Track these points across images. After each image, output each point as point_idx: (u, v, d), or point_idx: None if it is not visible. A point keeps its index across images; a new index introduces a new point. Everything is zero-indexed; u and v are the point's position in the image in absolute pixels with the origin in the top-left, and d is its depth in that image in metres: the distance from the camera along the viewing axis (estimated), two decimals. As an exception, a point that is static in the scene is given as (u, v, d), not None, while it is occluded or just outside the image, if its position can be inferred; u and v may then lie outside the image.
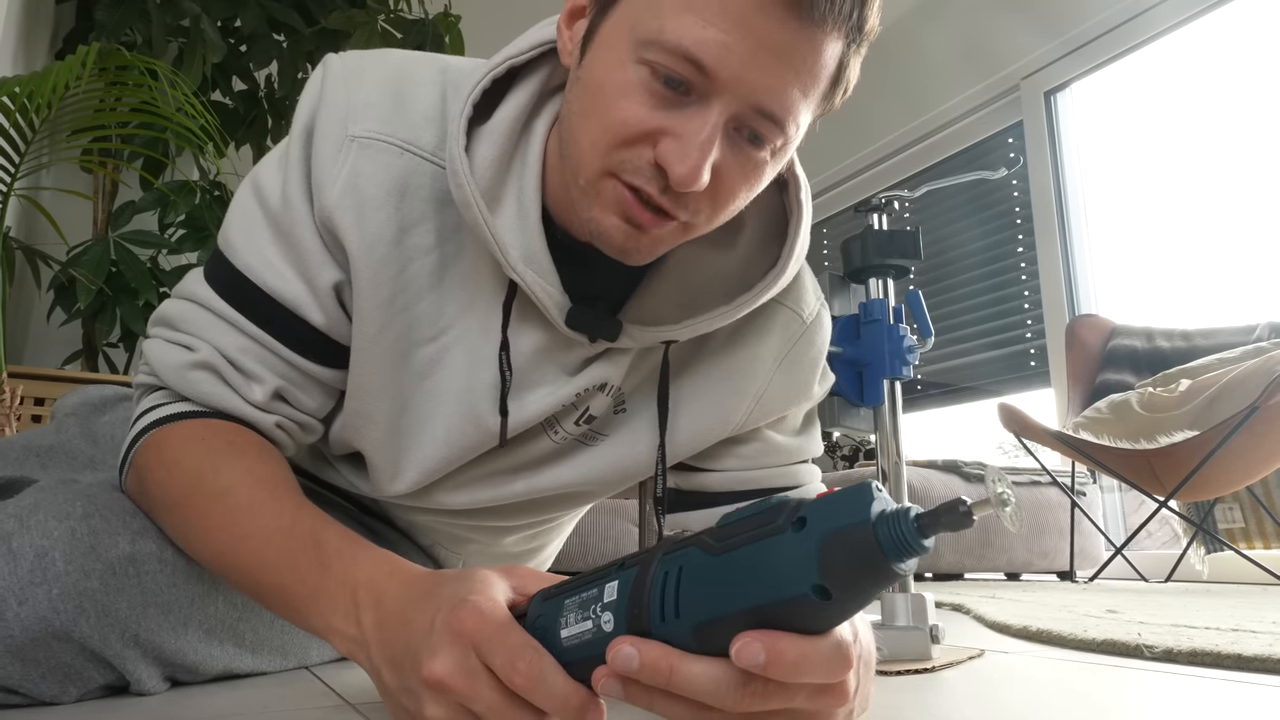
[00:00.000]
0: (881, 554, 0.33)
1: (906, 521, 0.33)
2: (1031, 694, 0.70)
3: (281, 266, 0.67)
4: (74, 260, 2.28)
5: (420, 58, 0.71)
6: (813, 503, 0.36)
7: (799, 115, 0.57)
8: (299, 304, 0.67)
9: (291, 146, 0.67)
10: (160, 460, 0.66)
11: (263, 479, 0.63)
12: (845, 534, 0.34)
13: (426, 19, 2.77)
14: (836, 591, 0.34)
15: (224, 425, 0.67)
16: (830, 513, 0.35)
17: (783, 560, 0.35)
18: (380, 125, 0.66)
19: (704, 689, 0.37)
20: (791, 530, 0.35)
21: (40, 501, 0.66)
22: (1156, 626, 1.09)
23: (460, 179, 0.62)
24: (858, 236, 1.08)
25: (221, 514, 0.61)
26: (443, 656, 0.42)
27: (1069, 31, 3.13)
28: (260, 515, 0.60)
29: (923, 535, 0.33)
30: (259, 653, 0.77)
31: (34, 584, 0.62)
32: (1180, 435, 2.21)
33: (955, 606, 1.53)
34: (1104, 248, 3.10)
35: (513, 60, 0.65)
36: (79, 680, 0.65)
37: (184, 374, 0.67)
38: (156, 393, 0.71)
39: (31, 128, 1.94)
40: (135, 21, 2.43)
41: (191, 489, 0.63)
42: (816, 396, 0.82)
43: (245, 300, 0.68)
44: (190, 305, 0.69)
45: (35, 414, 2.06)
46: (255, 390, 0.68)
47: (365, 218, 0.65)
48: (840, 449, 3.57)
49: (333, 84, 0.67)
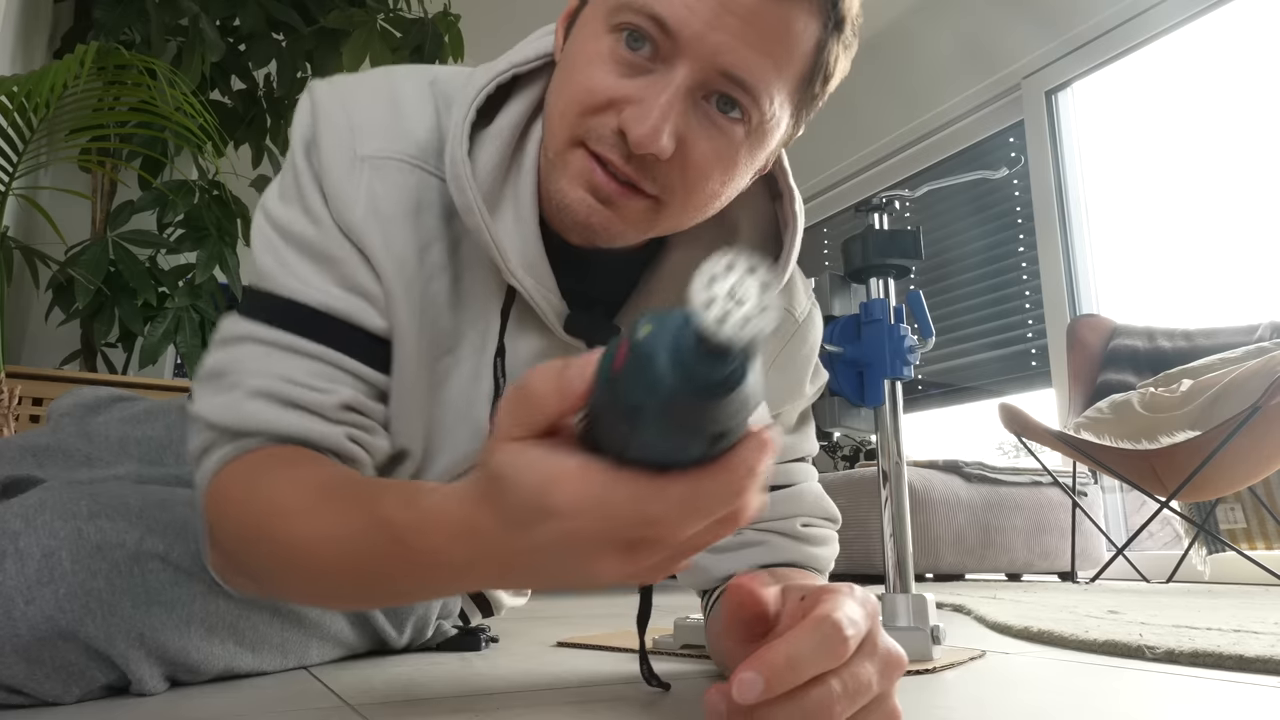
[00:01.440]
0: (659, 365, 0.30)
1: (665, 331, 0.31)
2: (1033, 695, 0.70)
3: (326, 285, 0.64)
4: (72, 260, 2.28)
5: (404, 72, 0.71)
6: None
7: (771, 88, 0.56)
8: (355, 314, 0.64)
9: (299, 175, 0.66)
10: (222, 510, 0.60)
11: (314, 482, 0.56)
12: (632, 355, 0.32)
13: (426, 18, 2.76)
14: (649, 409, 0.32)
15: (282, 448, 0.61)
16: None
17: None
18: (387, 143, 0.65)
19: None
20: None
21: (46, 501, 0.66)
22: (1158, 627, 1.09)
23: (463, 183, 0.62)
24: (859, 236, 1.08)
25: (280, 528, 0.54)
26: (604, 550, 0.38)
27: (1070, 31, 3.13)
28: (314, 518, 0.53)
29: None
30: (259, 651, 0.77)
31: (41, 584, 0.62)
32: (1182, 435, 2.20)
33: (956, 607, 1.53)
34: (1105, 247, 3.09)
35: (518, 68, 0.65)
36: (82, 680, 0.65)
37: (240, 407, 0.61)
38: (211, 452, 0.63)
39: (30, 127, 1.94)
40: (134, 21, 2.42)
41: (242, 518, 0.58)
42: (809, 395, 0.83)
43: (298, 321, 0.63)
44: (236, 346, 0.64)
45: (34, 414, 2.06)
46: (326, 401, 0.62)
47: (391, 238, 0.64)
48: (840, 449, 3.57)
49: (328, 107, 0.66)
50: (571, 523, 0.36)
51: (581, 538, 0.37)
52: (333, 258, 0.64)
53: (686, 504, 0.35)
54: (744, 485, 0.35)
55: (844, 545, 0.94)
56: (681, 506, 0.35)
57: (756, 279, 0.28)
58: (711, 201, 0.62)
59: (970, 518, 2.64)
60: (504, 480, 0.38)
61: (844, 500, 2.43)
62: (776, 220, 0.73)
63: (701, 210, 0.62)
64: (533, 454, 0.37)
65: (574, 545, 0.37)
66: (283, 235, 0.66)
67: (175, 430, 0.97)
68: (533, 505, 0.37)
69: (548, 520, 0.37)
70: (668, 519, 0.36)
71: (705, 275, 0.28)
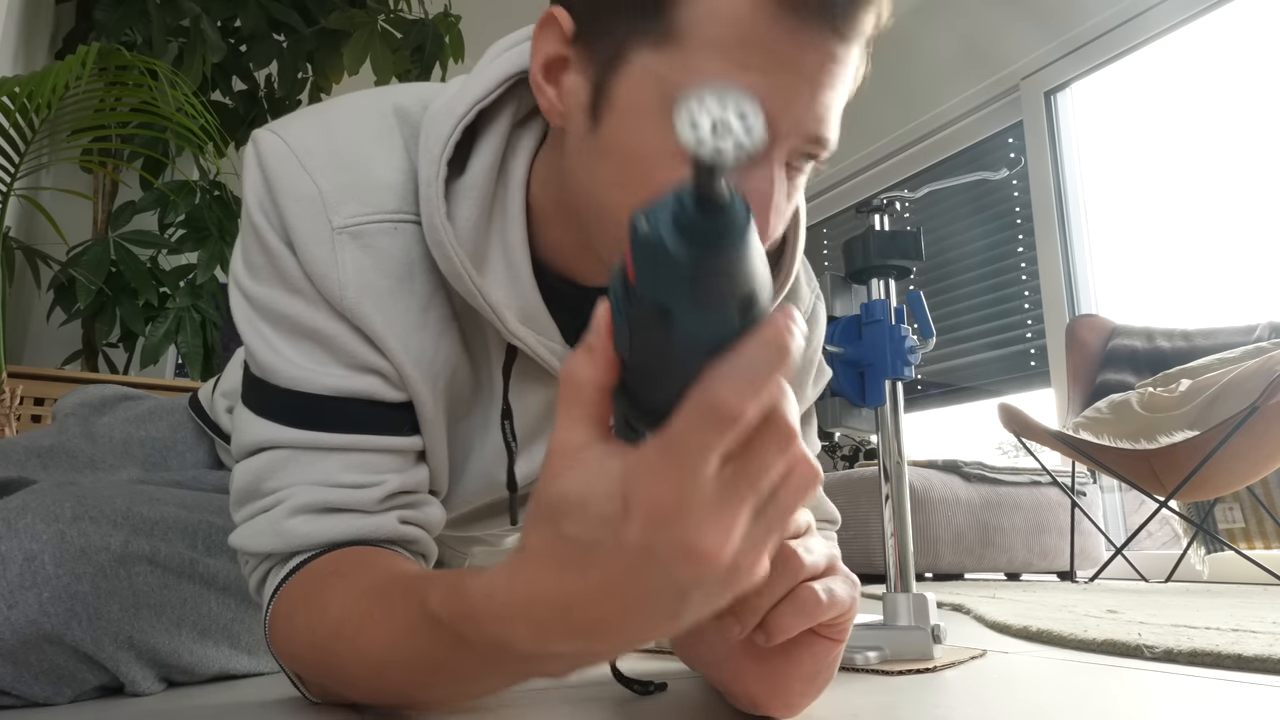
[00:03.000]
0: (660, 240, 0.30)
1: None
2: (1032, 694, 0.70)
3: (328, 368, 0.59)
4: (74, 260, 2.28)
5: (358, 106, 0.63)
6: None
7: (838, 124, 0.55)
8: (368, 391, 0.59)
9: (269, 250, 0.59)
10: (290, 642, 0.56)
11: (369, 590, 0.51)
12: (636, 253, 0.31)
13: (426, 19, 2.76)
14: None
15: (329, 559, 0.57)
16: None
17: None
18: (361, 206, 0.59)
19: None
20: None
21: (29, 503, 0.65)
22: (1157, 627, 1.09)
23: (447, 249, 0.57)
24: (859, 237, 1.08)
25: (347, 651, 0.50)
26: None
27: (1069, 31, 3.13)
28: (375, 629, 0.48)
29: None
30: (255, 653, 0.76)
31: (23, 587, 0.61)
32: (1180, 435, 2.21)
33: (955, 606, 1.52)
34: (1104, 248, 3.09)
35: (481, 104, 0.59)
36: (73, 682, 0.65)
37: (281, 530, 0.57)
38: (267, 581, 0.59)
39: (31, 128, 1.94)
40: (135, 21, 2.43)
41: (313, 644, 0.53)
42: (811, 394, 0.82)
43: (314, 414, 0.58)
44: (258, 458, 0.59)
45: (35, 414, 2.06)
46: (366, 496, 0.58)
47: (390, 313, 0.59)
48: (840, 449, 3.57)
49: (285, 171, 0.59)
50: (650, 495, 0.31)
51: (668, 508, 0.31)
52: (328, 337, 0.59)
53: (745, 374, 0.30)
54: (784, 341, 0.30)
55: (843, 545, 0.94)
56: (743, 378, 0.30)
57: (734, 108, 0.27)
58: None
59: (969, 517, 2.64)
60: (572, 501, 0.33)
61: (843, 500, 2.44)
62: None
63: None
64: (590, 461, 0.33)
65: (663, 526, 0.31)
66: (265, 316, 0.60)
67: (180, 431, 0.97)
68: (613, 514, 0.32)
69: (628, 522, 0.31)
70: (739, 391, 0.30)
71: (685, 116, 0.27)
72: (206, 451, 0.97)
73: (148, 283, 2.32)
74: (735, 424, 0.30)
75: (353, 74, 2.67)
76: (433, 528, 0.63)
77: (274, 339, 0.59)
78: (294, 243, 0.58)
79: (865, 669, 0.80)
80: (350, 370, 0.59)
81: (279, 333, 0.59)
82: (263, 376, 0.60)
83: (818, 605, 0.44)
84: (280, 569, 0.58)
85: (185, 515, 0.73)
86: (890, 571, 0.97)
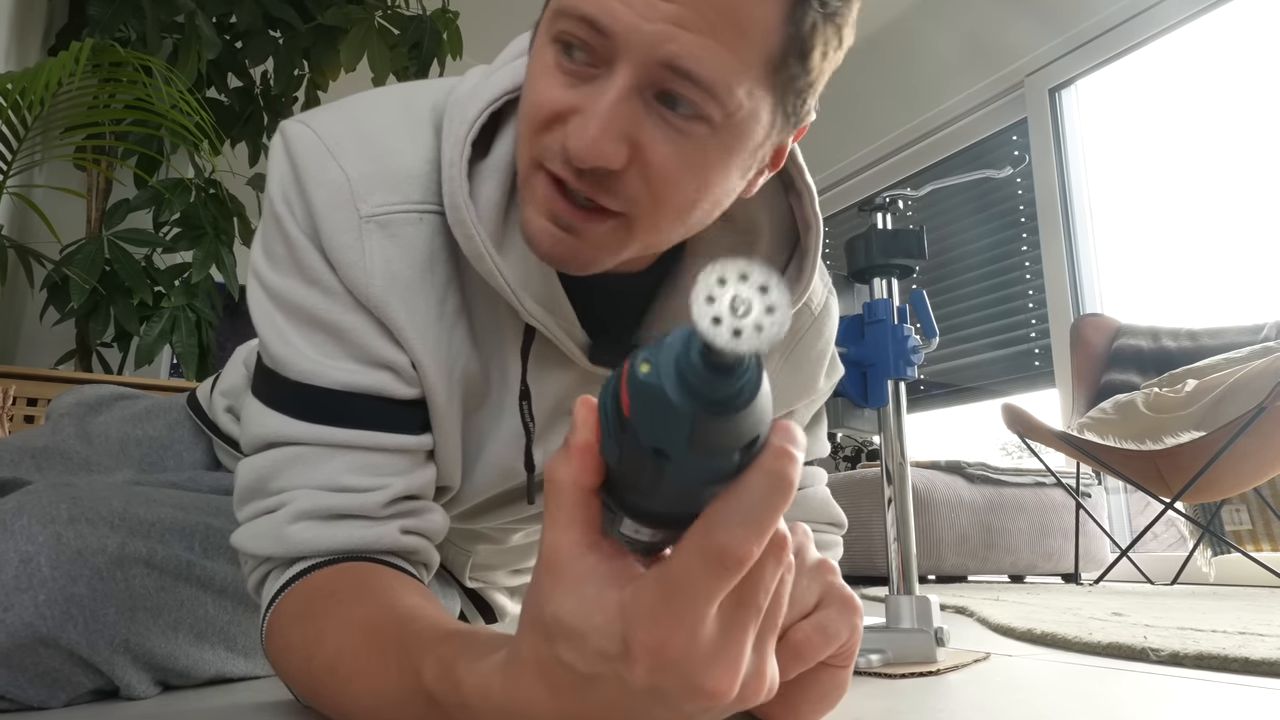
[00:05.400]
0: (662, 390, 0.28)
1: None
2: (1036, 698, 0.69)
3: (341, 361, 0.60)
4: (67, 259, 2.27)
5: (386, 98, 0.65)
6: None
7: (729, 75, 0.48)
8: (380, 387, 0.60)
9: (290, 240, 0.60)
10: (283, 656, 0.56)
11: (364, 628, 0.51)
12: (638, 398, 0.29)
13: (424, 15, 2.75)
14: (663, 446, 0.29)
15: (328, 574, 0.57)
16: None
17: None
18: (388, 195, 0.59)
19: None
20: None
21: (24, 505, 0.64)
22: (1162, 629, 1.08)
23: (469, 229, 0.58)
24: (862, 236, 1.07)
25: (339, 689, 0.50)
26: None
27: (1073, 28, 3.12)
28: (369, 680, 0.48)
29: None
30: (251, 657, 0.76)
31: (19, 590, 0.61)
32: (1186, 436, 2.19)
33: (959, 609, 1.51)
34: (1109, 246, 3.08)
35: (511, 95, 0.59)
36: (67, 685, 0.64)
37: (283, 534, 0.57)
38: (267, 582, 0.60)
39: (24, 125, 1.92)
40: (129, 17, 2.41)
41: (307, 670, 0.53)
42: (824, 392, 0.80)
43: (324, 408, 0.59)
44: (264, 457, 0.60)
45: (28, 414, 2.05)
46: (370, 501, 0.59)
47: (413, 305, 0.60)
48: (842, 449, 3.56)
49: (313, 158, 0.59)
50: (651, 639, 0.31)
51: (672, 654, 0.31)
52: (342, 330, 0.59)
53: (749, 516, 0.30)
54: (787, 473, 0.30)
55: (845, 547, 0.93)
56: (747, 520, 0.30)
57: (757, 283, 0.26)
58: (691, 210, 0.55)
59: (973, 519, 2.62)
60: (569, 629, 0.33)
61: (845, 501, 2.42)
62: (795, 220, 0.68)
63: (681, 220, 0.55)
64: (587, 586, 0.33)
65: (668, 670, 0.32)
66: (280, 307, 0.60)
67: (177, 430, 0.96)
68: (614, 652, 0.32)
69: (632, 663, 0.32)
70: (744, 537, 0.30)
71: (703, 291, 0.26)
72: (204, 451, 0.98)
73: (142, 282, 2.31)
74: (741, 568, 0.30)
75: (350, 70, 2.66)
76: (434, 536, 0.63)
77: (287, 330, 0.60)
78: (319, 231, 0.59)
79: (868, 672, 0.80)
80: (361, 365, 0.60)
81: (293, 324, 0.60)
82: (274, 368, 0.60)
83: (811, 648, 0.43)
84: (280, 574, 0.58)
85: (182, 517, 0.73)
86: (893, 574, 0.96)
